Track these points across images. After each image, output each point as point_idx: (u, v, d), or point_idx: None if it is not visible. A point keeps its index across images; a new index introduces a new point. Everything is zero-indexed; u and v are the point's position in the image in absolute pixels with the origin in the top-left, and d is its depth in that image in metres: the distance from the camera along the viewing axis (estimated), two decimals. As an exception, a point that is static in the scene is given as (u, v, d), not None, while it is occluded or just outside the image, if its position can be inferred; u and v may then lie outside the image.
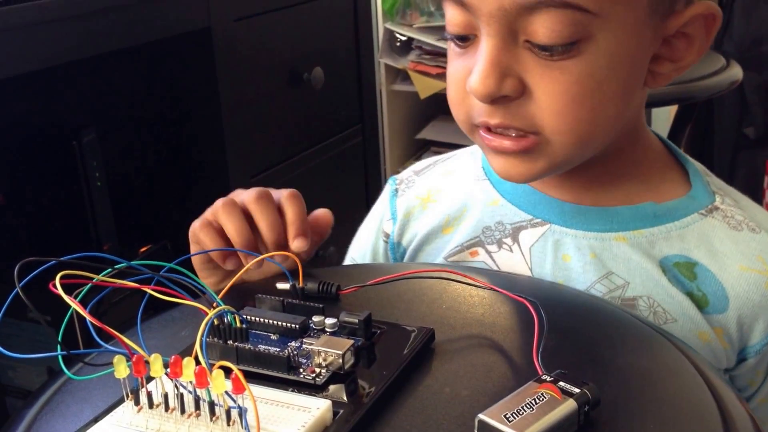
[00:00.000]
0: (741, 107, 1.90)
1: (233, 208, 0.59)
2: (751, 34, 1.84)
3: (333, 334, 0.49)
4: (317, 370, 0.45)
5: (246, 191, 0.61)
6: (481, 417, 0.40)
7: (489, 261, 0.65)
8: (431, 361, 0.48)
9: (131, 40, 1.05)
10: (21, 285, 0.43)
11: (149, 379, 0.42)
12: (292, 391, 0.44)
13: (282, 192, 0.61)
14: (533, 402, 0.40)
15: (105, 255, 0.45)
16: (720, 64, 1.50)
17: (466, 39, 0.58)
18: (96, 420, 0.42)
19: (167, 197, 1.29)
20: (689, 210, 0.63)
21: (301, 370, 0.45)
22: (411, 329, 0.50)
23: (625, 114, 0.60)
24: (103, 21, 1.00)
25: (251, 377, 0.43)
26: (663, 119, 1.95)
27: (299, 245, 0.59)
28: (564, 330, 0.50)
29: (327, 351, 0.45)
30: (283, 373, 0.45)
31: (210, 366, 0.39)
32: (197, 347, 0.40)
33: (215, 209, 0.60)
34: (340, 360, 0.45)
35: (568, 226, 0.63)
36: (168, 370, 0.40)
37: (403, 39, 2.01)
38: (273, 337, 0.49)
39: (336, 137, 1.53)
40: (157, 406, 0.42)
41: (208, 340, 0.46)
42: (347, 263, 0.77)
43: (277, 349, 0.47)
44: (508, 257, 0.65)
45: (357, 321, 0.49)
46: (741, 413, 0.43)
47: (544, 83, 0.55)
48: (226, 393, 0.39)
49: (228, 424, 0.40)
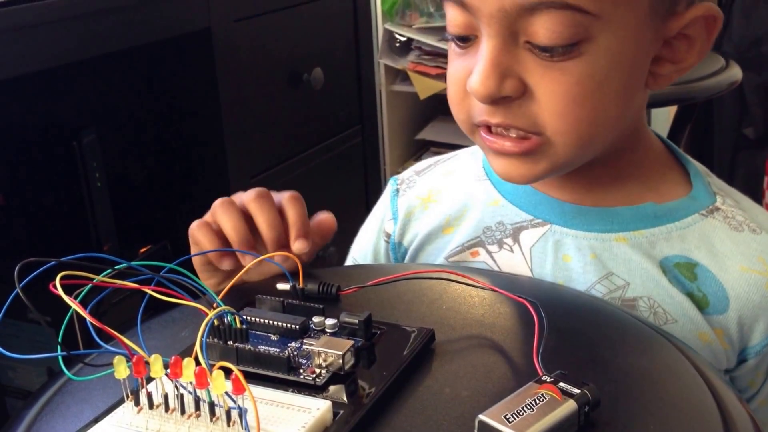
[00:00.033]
0: (740, 108, 1.90)
1: (230, 206, 0.59)
2: (751, 34, 1.84)
3: (333, 334, 0.49)
4: (317, 370, 0.45)
5: (246, 192, 0.61)
6: (481, 418, 0.40)
7: (490, 261, 0.65)
8: (431, 362, 0.48)
9: (131, 40, 1.05)
10: (21, 285, 0.43)
11: (149, 380, 0.42)
12: (292, 392, 0.44)
13: (283, 194, 0.61)
14: (533, 403, 0.40)
15: (105, 255, 0.45)
16: (719, 64, 1.50)
17: (466, 40, 0.58)
18: (96, 420, 0.42)
19: (167, 198, 1.29)
20: (690, 210, 0.63)
21: (301, 370, 0.45)
22: (411, 330, 0.50)
23: (626, 115, 0.60)
24: (104, 22, 1.00)
25: (251, 378, 0.43)
26: (662, 119, 1.95)
27: (300, 247, 0.59)
28: (564, 330, 0.50)
29: (327, 352, 0.45)
30: (283, 374, 0.45)
31: (210, 367, 0.39)
32: (197, 348, 0.40)
33: (213, 209, 0.60)
34: (340, 361, 0.45)
35: (568, 226, 0.63)
36: (168, 370, 0.40)
37: (403, 39, 2.01)
38: (273, 338, 0.49)
39: (336, 138, 1.53)
40: (157, 406, 0.42)
41: (208, 340, 0.46)
42: (349, 263, 0.77)
43: (277, 350, 0.47)
44: (508, 257, 0.65)
45: (357, 322, 0.49)
46: (741, 414, 0.43)
47: (544, 84, 0.55)
48: (226, 394, 0.39)
49: (228, 424, 0.40)
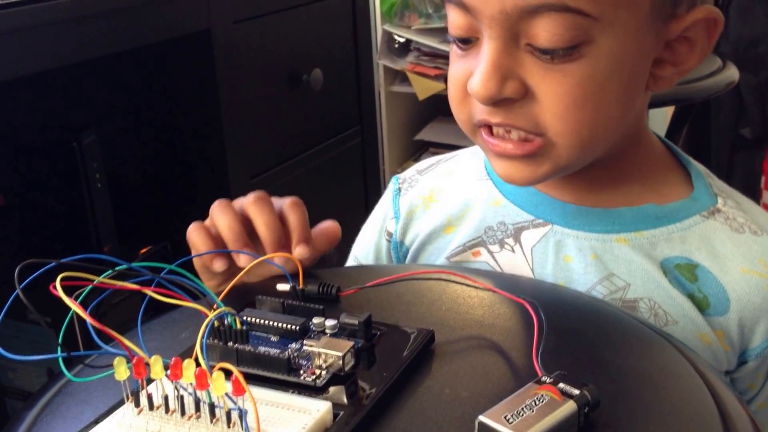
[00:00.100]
0: (738, 108, 1.90)
1: (226, 207, 0.60)
2: (748, 35, 1.84)
3: (333, 335, 0.49)
4: (317, 371, 0.45)
5: (245, 196, 0.61)
6: (481, 419, 0.40)
7: (491, 261, 0.65)
8: (431, 363, 0.48)
9: (132, 42, 1.05)
10: (21, 287, 0.43)
11: (149, 381, 0.42)
12: (292, 393, 0.44)
13: (284, 200, 0.61)
14: (533, 403, 0.40)
15: (105, 257, 0.45)
16: (717, 65, 1.50)
17: (467, 41, 0.58)
18: (96, 422, 0.42)
19: (167, 198, 1.29)
20: (691, 212, 0.63)
21: (302, 371, 0.45)
22: (411, 331, 0.50)
23: (628, 117, 0.60)
24: (104, 23, 1.00)
25: (251, 379, 0.43)
26: (660, 120, 1.95)
27: (301, 252, 0.59)
28: (564, 331, 0.50)
29: (327, 353, 0.45)
30: (284, 375, 0.45)
31: (210, 368, 0.39)
32: (197, 349, 0.40)
33: (210, 211, 0.60)
34: (340, 362, 0.45)
35: (569, 226, 0.63)
36: (168, 371, 0.40)
37: (402, 41, 2.01)
38: (273, 339, 0.49)
39: (335, 138, 1.53)
40: (158, 407, 0.42)
41: (208, 341, 0.46)
42: (350, 262, 0.77)
43: (278, 351, 0.47)
44: (510, 257, 0.65)
45: (357, 322, 0.49)
46: (741, 415, 0.43)
47: (545, 86, 0.55)
48: (226, 395, 0.39)
49: (228, 425, 0.40)
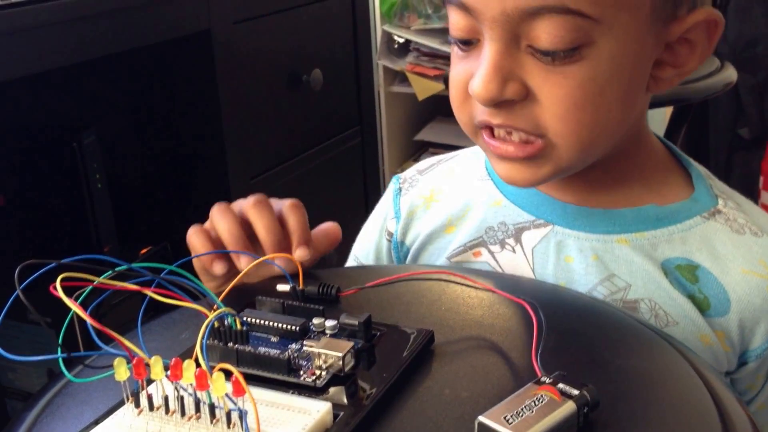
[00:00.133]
0: (736, 108, 1.90)
1: (226, 210, 0.60)
2: (745, 35, 1.84)
3: (333, 336, 0.49)
4: (317, 372, 0.45)
5: (245, 199, 0.61)
6: (481, 419, 0.40)
7: (492, 261, 0.65)
8: (431, 363, 0.48)
9: (132, 42, 1.05)
10: (21, 287, 0.43)
11: (149, 382, 0.42)
12: (292, 394, 0.44)
13: (284, 202, 0.61)
14: (533, 404, 0.40)
15: (105, 257, 0.45)
16: (715, 65, 1.50)
17: (469, 43, 0.58)
18: (96, 422, 0.42)
19: (167, 199, 1.29)
20: (692, 213, 0.63)
21: (302, 372, 0.45)
22: (410, 331, 0.50)
23: (628, 118, 0.60)
24: (104, 24, 1.00)
25: (251, 380, 0.43)
26: (658, 120, 1.95)
27: (302, 254, 0.59)
28: (563, 332, 0.50)
29: (327, 353, 0.45)
30: (284, 376, 0.45)
31: (210, 368, 0.39)
32: (198, 349, 0.40)
33: (210, 214, 0.61)
34: (340, 362, 0.45)
35: (570, 227, 0.63)
36: (168, 372, 0.40)
37: (401, 41, 2.01)
38: (273, 340, 0.49)
39: (335, 139, 1.53)
40: (158, 408, 0.42)
41: (208, 342, 0.46)
42: (350, 262, 0.77)
43: (278, 352, 0.47)
44: (510, 258, 0.65)
45: (357, 323, 0.49)
46: (740, 416, 0.43)
47: (546, 87, 0.55)
48: (226, 395, 0.39)
49: (228, 426, 0.40)
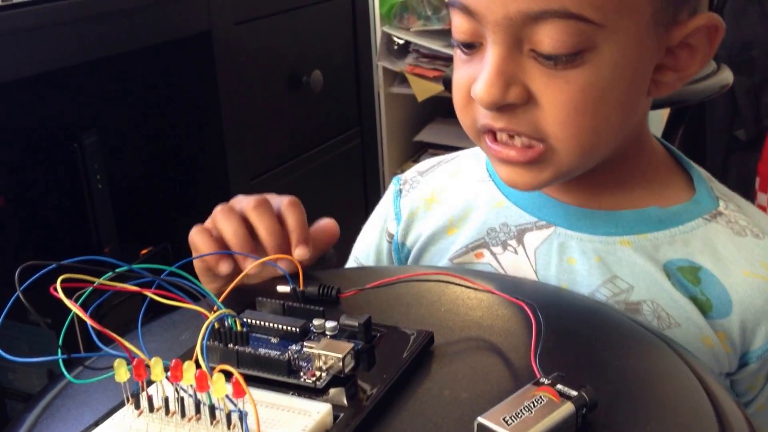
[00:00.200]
0: (732, 110, 1.90)
1: (230, 212, 0.60)
2: (741, 38, 1.84)
3: (333, 337, 0.49)
4: (317, 373, 0.45)
5: (245, 198, 0.61)
6: (480, 420, 0.40)
7: (494, 263, 0.65)
8: (430, 364, 0.48)
9: (133, 43, 1.06)
10: (22, 288, 0.43)
11: (150, 383, 0.42)
12: (292, 395, 0.44)
13: (282, 200, 0.61)
14: (531, 405, 0.40)
15: (106, 258, 0.45)
16: (711, 68, 1.51)
17: (472, 46, 0.58)
18: (96, 424, 0.42)
19: (168, 199, 1.29)
20: (693, 215, 0.63)
21: (302, 373, 0.46)
22: (410, 332, 0.50)
23: (629, 123, 0.60)
24: (105, 25, 1.00)
25: (252, 381, 0.43)
26: (656, 122, 1.95)
27: (301, 253, 0.59)
28: (562, 333, 0.50)
29: (327, 354, 0.45)
30: (284, 377, 0.45)
31: (210, 370, 0.39)
32: (198, 351, 0.40)
33: (213, 215, 0.61)
34: (340, 363, 0.45)
35: (573, 229, 0.64)
36: (168, 373, 0.40)
37: (401, 42, 2.02)
38: (273, 341, 0.49)
39: (335, 140, 1.53)
40: (158, 409, 0.42)
41: (208, 343, 0.46)
42: (351, 263, 0.77)
43: (278, 353, 0.47)
44: (513, 259, 0.65)
45: (357, 324, 0.49)
46: (738, 418, 0.43)
47: (548, 92, 0.55)
48: (226, 396, 0.39)
49: (228, 427, 0.40)
